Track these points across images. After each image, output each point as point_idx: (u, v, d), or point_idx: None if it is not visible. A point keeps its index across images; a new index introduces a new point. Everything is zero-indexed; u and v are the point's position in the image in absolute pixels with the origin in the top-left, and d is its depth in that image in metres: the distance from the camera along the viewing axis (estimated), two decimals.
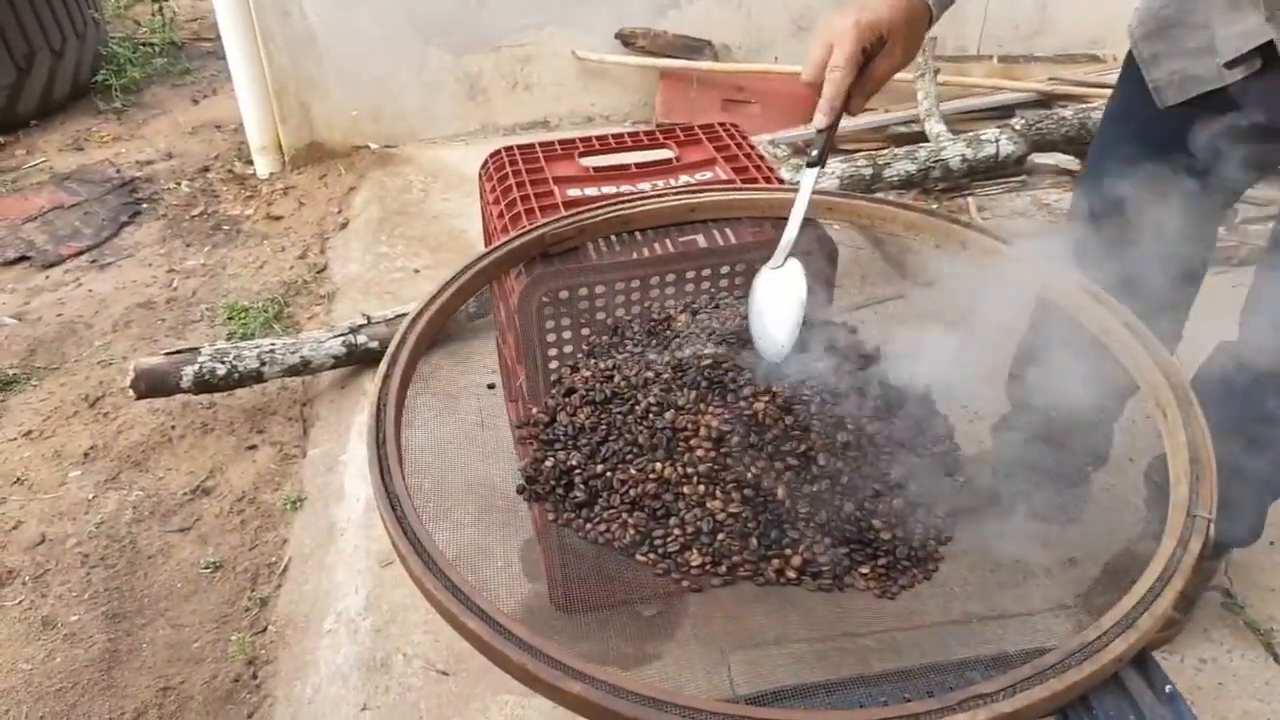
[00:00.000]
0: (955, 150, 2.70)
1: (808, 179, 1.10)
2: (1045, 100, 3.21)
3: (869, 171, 2.55)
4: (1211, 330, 1.51)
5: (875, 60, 1.07)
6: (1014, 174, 2.90)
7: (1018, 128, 2.79)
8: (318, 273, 2.91)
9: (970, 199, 2.93)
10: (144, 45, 4.42)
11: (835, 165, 2.57)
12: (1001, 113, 3.17)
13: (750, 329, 1.10)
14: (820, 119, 1.07)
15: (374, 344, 2.32)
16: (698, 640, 1.55)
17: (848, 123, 3.16)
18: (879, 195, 2.54)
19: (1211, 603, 1.77)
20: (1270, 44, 1.19)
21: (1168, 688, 0.82)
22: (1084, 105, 3.01)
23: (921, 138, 2.97)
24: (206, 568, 1.97)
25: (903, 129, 3.14)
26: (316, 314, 2.72)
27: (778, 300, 1.09)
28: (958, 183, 2.88)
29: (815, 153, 1.09)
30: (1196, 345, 1.52)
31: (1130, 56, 1.43)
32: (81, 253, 3.06)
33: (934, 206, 2.94)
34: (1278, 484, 1.56)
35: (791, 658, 1.14)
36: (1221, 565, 1.80)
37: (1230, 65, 1.24)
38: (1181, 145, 1.34)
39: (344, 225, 3.12)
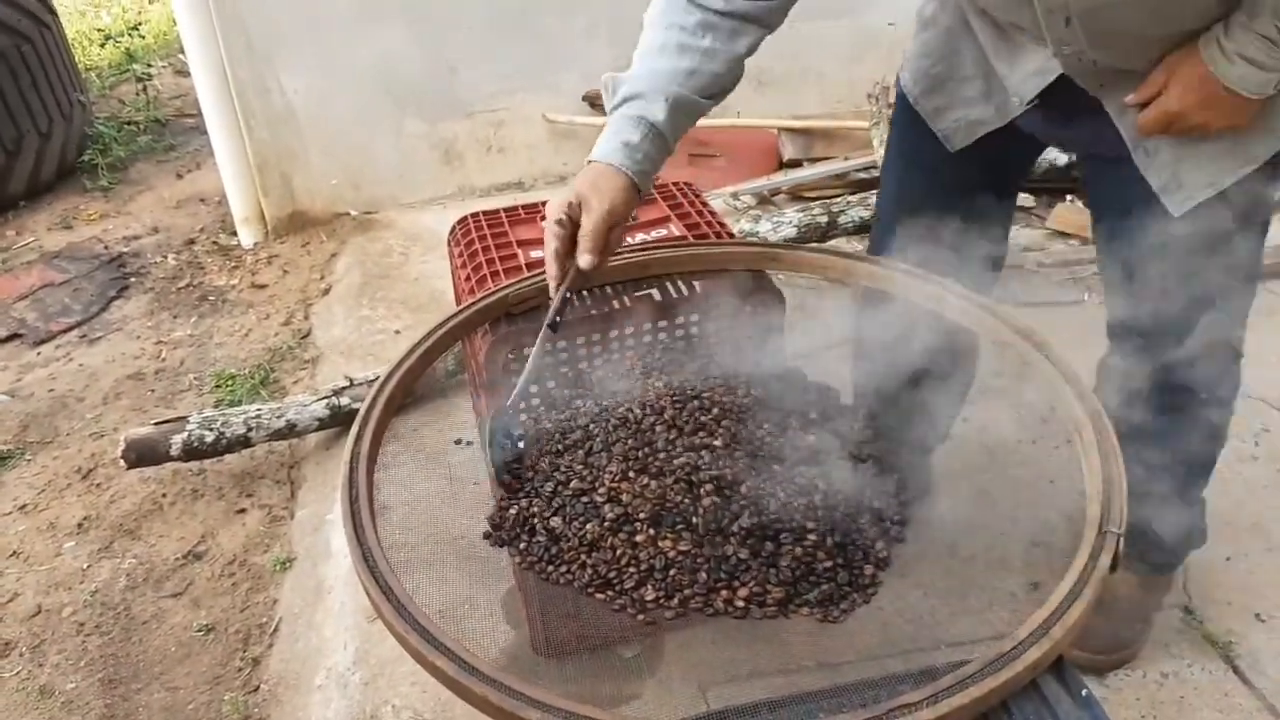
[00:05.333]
0: None
1: (539, 342, 1.24)
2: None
3: (824, 219, 2.66)
4: None
5: (581, 220, 1.22)
6: None
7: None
8: (302, 338, 2.99)
9: None
10: (128, 124, 4.54)
11: (792, 214, 2.68)
12: None
13: None
14: (550, 288, 1.24)
15: (357, 405, 2.38)
16: (677, 679, 1.60)
17: (809, 171, 3.28)
18: (823, 244, 2.64)
19: (1171, 618, 1.83)
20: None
21: (1083, 692, 0.89)
22: None
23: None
24: (199, 631, 2.02)
25: (864, 175, 3.26)
26: (302, 378, 2.80)
27: None
28: None
29: (553, 319, 1.23)
30: None
31: (901, 112, 1.59)
32: (71, 328, 3.14)
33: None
34: (1196, 481, 1.65)
35: (767, 689, 1.20)
36: (1179, 579, 1.87)
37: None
38: (971, 180, 1.53)
39: (326, 291, 3.21)
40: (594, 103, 3.59)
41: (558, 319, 1.22)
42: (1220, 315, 1.37)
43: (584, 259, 1.21)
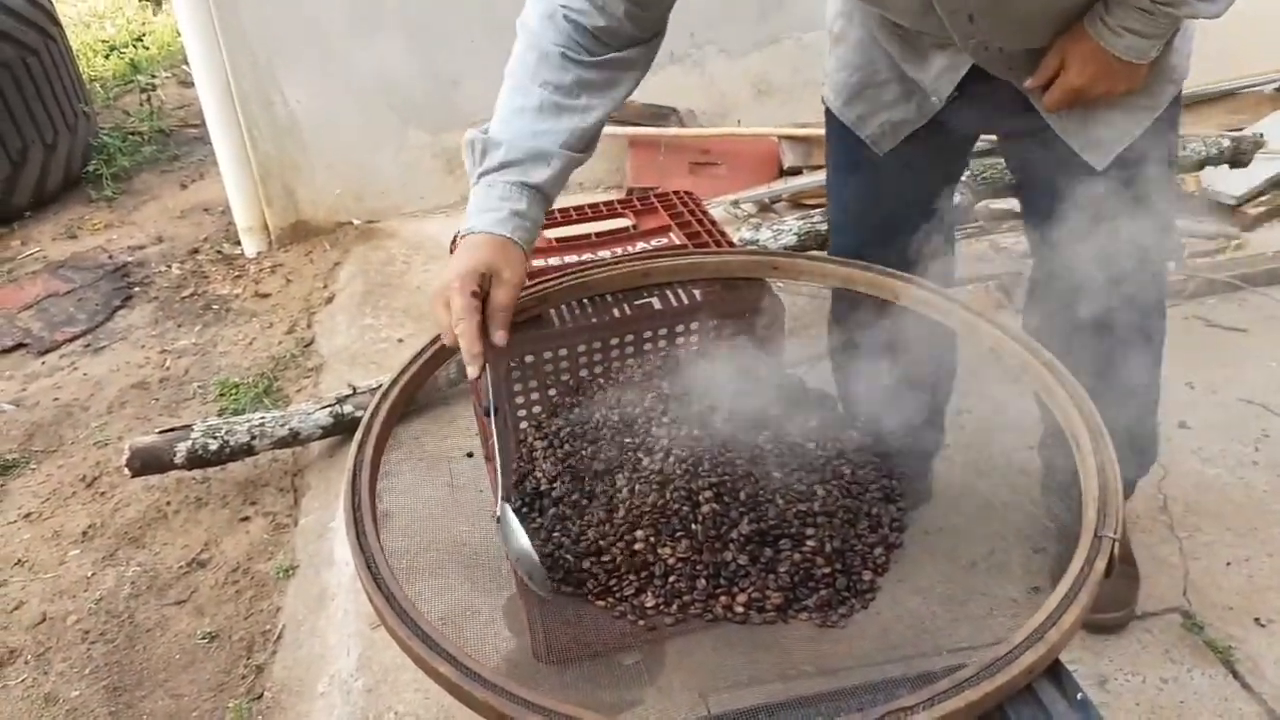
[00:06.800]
0: None
1: (492, 425, 1.14)
2: (995, 149, 3.35)
3: (824, 227, 2.67)
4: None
5: (492, 293, 1.14)
6: (971, 220, 3.02)
7: (964, 179, 2.92)
8: (305, 347, 3.01)
9: None
10: (133, 134, 4.57)
11: (792, 222, 2.69)
12: None
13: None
14: (471, 371, 1.11)
15: (360, 413, 2.40)
16: (677, 685, 1.61)
17: (809, 179, 3.29)
18: (823, 252, 2.65)
19: (1171, 623, 1.83)
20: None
21: (1079, 695, 0.90)
22: None
23: None
24: (203, 638, 2.03)
25: None
26: (305, 387, 2.81)
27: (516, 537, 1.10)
28: None
29: (487, 402, 1.14)
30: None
31: (830, 126, 1.65)
32: (76, 338, 3.15)
33: None
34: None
35: (766, 695, 1.21)
36: (1180, 584, 1.87)
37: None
38: (907, 181, 1.60)
39: (330, 300, 3.23)
40: None
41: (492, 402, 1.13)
42: (1151, 259, 1.42)
43: (499, 335, 1.14)
